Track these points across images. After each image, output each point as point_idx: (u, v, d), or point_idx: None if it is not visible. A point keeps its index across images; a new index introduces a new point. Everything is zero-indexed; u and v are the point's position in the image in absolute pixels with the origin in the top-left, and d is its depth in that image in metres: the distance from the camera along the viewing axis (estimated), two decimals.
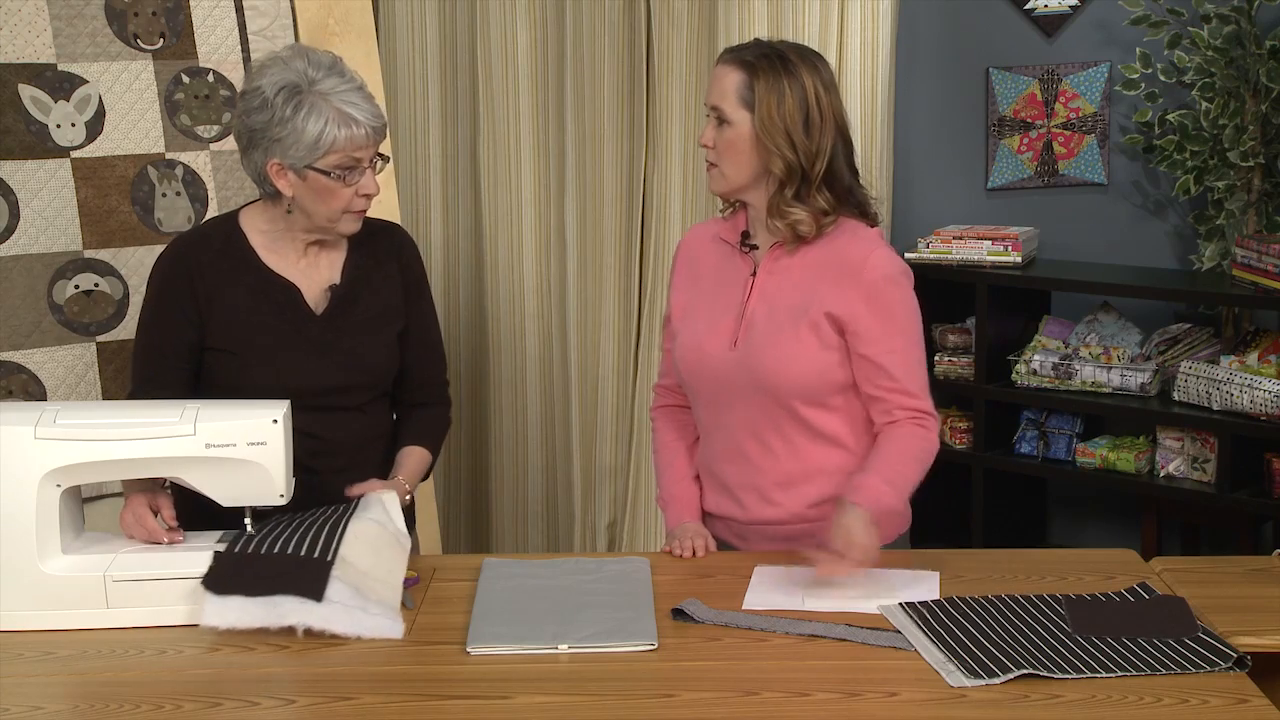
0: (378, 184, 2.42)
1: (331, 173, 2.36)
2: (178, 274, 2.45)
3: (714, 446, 2.54)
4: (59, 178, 3.03)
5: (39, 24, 3.01)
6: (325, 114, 2.33)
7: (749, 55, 2.40)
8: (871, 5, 4.01)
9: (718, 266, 2.53)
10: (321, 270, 2.50)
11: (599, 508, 4.41)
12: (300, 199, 2.40)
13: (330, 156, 2.35)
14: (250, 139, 2.39)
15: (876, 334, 2.38)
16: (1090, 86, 4.14)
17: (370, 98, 2.39)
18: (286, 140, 2.34)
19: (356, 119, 2.34)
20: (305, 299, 2.47)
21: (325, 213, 2.41)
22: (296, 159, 2.35)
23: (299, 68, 2.36)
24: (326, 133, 2.33)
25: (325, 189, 2.38)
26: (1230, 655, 1.98)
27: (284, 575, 2.14)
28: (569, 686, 1.95)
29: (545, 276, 4.37)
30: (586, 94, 4.23)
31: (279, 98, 2.34)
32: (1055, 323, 4.07)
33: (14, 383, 3.00)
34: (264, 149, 2.37)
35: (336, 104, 2.34)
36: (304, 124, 2.33)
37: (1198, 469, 3.75)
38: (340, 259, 2.52)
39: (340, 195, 2.39)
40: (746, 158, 2.40)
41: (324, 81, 2.35)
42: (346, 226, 2.44)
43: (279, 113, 2.34)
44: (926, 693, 1.93)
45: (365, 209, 2.44)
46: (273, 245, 2.48)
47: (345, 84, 2.36)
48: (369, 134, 2.37)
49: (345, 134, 2.34)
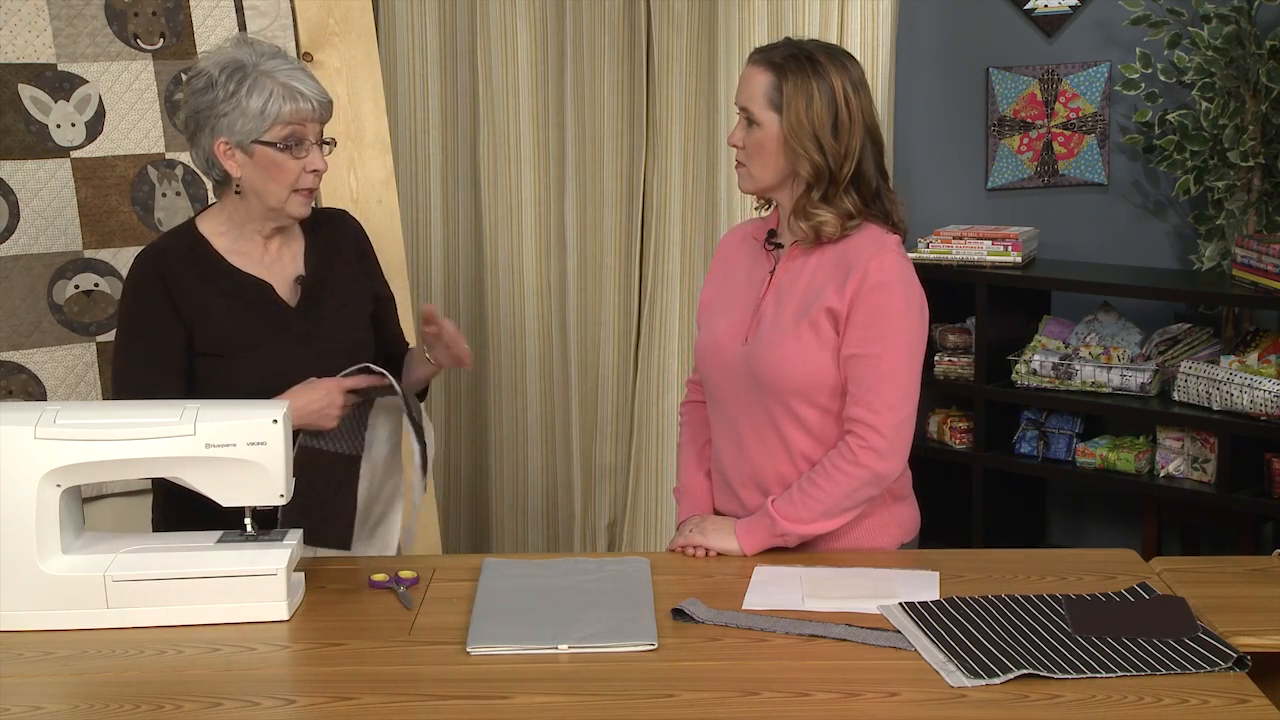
0: (325, 162, 2.46)
1: (278, 143, 2.40)
2: (154, 284, 2.47)
3: (720, 442, 2.55)
4: (59, 178, 3.03)
5: (39, 24, 3.01)
6: (269, 87, 2.39)
7: (777, 56, 2.39)
8: (871, 5, 4.01)
9: (746, 264, 2.55)
10: (286, 264, 2.55)
11: (599, 508, 4.41)
12: (249, 179, 2.44)
13: (276, 128, 2.40)
14: (198, 122, 2.44)
15: (857, 335, 2.36)
16: (1090, 86, 4.14)
17: (314, 79, 2.45)
18: (233, 115, 2.39)
19: (302, 92, 2.40)
20: (278, 294, 2.52)
21: (275, 191, 2.44)
22: (244, 134, 2.40)
23: (244, 52, 2.42)
24: (271, 104, 2.39)
25: (273, 163, 2.42)
26: (1230, 655, 1.98)
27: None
28: (569, 686, 1.95)
29: (545, 276, 4.37)
30: (586, 94, 4.23)
31: (223, 75, 2.40)
32: (1055, 323, 4.07)
33: (14, 383, 3.00)
34: (210, 129, 2.42)
35: (281, 79, 2.40)
36: (248, 98, 2.38)
37: (1198, 469, 3.75)
38: (300, 250, 2.57)
39: (288, 169, 2.42)
40: (774, 159, 2.40)
41: (268, 62, 2.41)
42: (296, 208, 2.47)
43: (224, 90, 2.39)
44: (926, 693, 1.93)
45: (313, 186, 2.48)
46: (235, 246, 2.51)
47: (289, 64, 2.43)
48: (315, 108, 2.42)
49: (290, 107, 2.40)
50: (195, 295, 2.46)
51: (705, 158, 4.14)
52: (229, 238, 2.51)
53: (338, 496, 2.49)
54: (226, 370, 2.46)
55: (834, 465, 2.38)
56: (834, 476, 2.37)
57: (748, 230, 2.61)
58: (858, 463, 2.36)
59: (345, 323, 2.57)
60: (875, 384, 2.36)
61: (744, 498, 2.50)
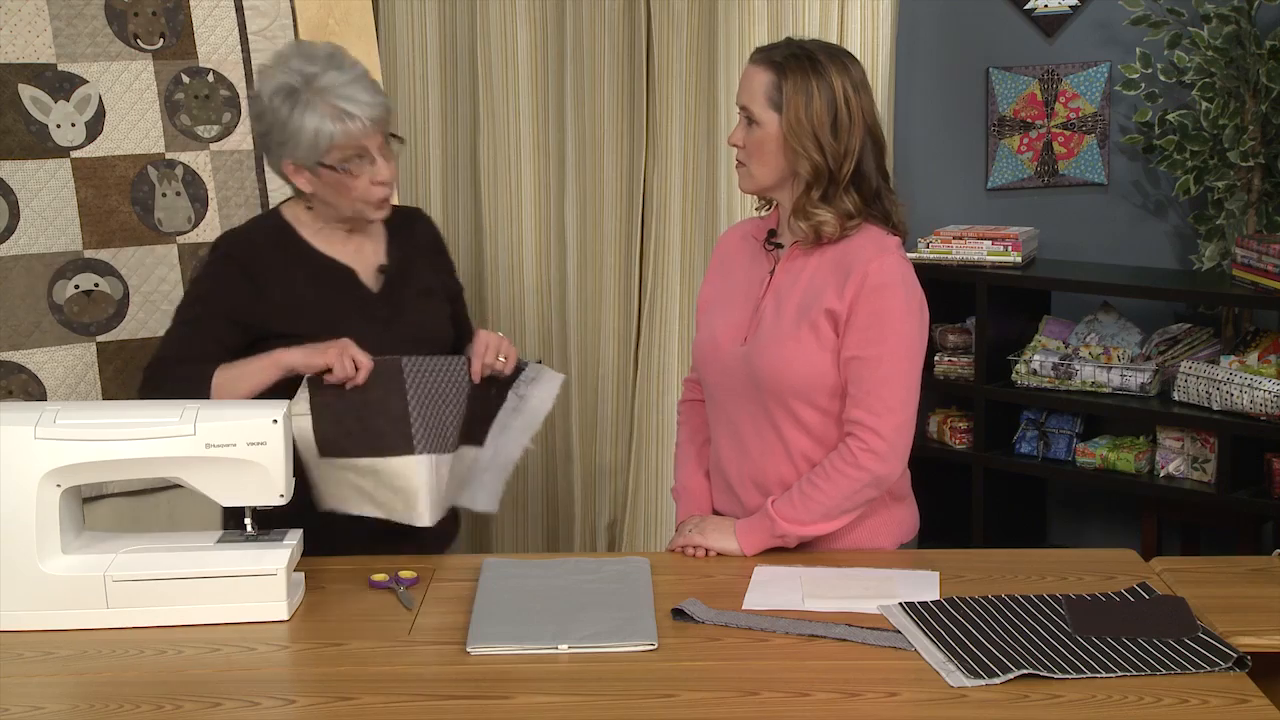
0: (392, 169, 2.47)
1: (339, 167, 2.41)
2: (228, 273, 2.49)
3: (719, 441, 2.55)
4: (59, 178, 3.03)
5: (39, 24, 3.01)
6: (319, 111, 2.38)
7: (778, 55, 2.40)
8: (871, 5, 4.01)
9: (745, 264, 2.55)
10: (368, 254, 2.58)
11: (599, 508, 4.41)
12: (319, 194, 2.47)
13: (333, 152, 2.40)
14: (264, 144, 2.49)
15: (857, 337, 2.36)
16: (1090, 86, 4.14)
17: (371, 86, 2.43)
18: (290, 143, 2.41)
19: (351, 113, 2.39)
20: (361, 279, 2.55)
21: (346, 204, 2.47)
22: (304, 158, 2.41)
23: (295, 66, 2.41)
24: (323, 130, 2.38)
25: (338, 183, 2.44)
26: (1230, 655, 1.98)
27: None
28: (569, 686, 1.95)
29: (545, 276, 4.37)
30: (586, 94, 4.23)
31: (275, 101, 2.40)
32: (1055, 323, 4.07)
33: (14, 383, 3.00)
34: (275, 153, 2.45)
35: (331, 100, 2.38)
36: (300, 124, 2.38)
37: (1198, 469, 3.75)
38: (382, 242, 2.60)
39: (354, 186, 2.44)
40: (774, 158, 2.40)
41: (321, 78, 2.39)
42: (371, 214, 2.50)
43: (277, 116, 2.40)
44: (926, 693, 1.93)
45: (385, 196, 2.49)
46: (320, 232, 2.54)
47: (343, 76, 2.40)
48: (365, 125, 2.40)
49: (340, 129, 2.39)
50: (278, 278, 2.49)
51: (705, 158, 4.14)
52: (313, 225, 2.54)
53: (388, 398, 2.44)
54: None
55: (834, 467, 2.38)
56: (834, 478, 2.37)
57: (747, 230, 2.61)
58: (858, 465, 2.36)
59: (427, 312, 2.60)
60: (875, 386, 2.35)
61: (743, 498, 2.50)
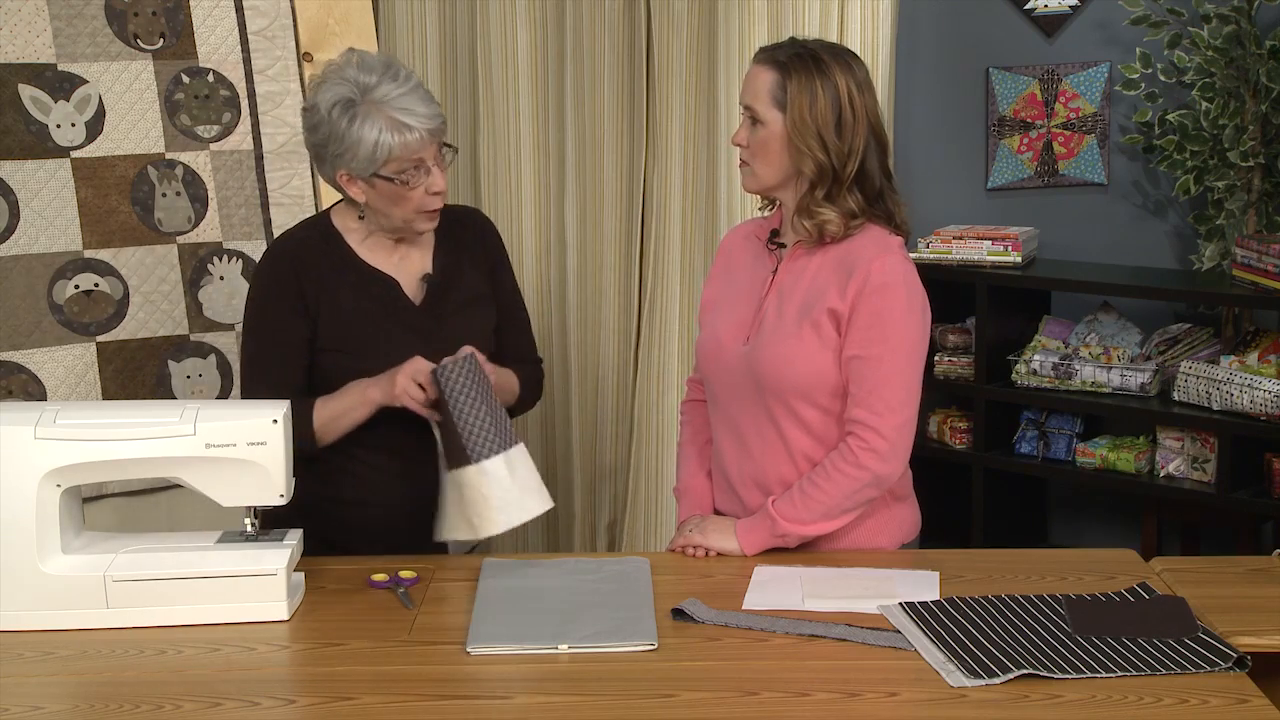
0: (445, 179, 2.48)
1: (395, 179, 2.42)
2: (284, 276, 2.51)
3: (721, 441, 2.55)
4: (59, 178, 3.03)
5: (39, 24, 3.01)
6: (378, 123, 2.38)
7: (782, 55, 2.40)
8: (871, 5, 4.01)
9: (748, 264, 2.55)
10: (414, 262, 2.58)
11: (599, 508, 4.41)
12: (373, 204, 2.48)
13: (390, 164, 2.41)
14: (317, 154, 2.49)
15: (859, 337, 2.36)
16: (1090, 86, 4.14)
17: (426, 96, 2.44)
18: (346, 154, 2.41)
19: (409, 125, 2.39)
20: (404, 291, 2.55)
21: (400, 214, 2.48)
22: (360, 169, 2.42)
23: (351, 76, 2.41)
24: (382, 142, 2.39)
25: (393, 194, 2.44)
26: (1230, 655, 1.98)
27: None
28: (569, 686, 1.95)
29: (545, 276, 4.37)
30: (586, 94, 4.23)
31: (333, 112, 2.41)
32: (1055, 323, 4.07)
33: (14, 383, 3.00)
34: (330, 163, 2.45)
35: (389, 112, 2.39)
36: (359, 136, 2.39)
37: (1198, 469, 3.75)
38: (430, 249, 2.60)
39: (410, 198, 2.45)
40: (778, 157, 2.40)
41: (378, 89, 2.40)
42: (422, 225, 2.51)
43: (335, 127, 2.40)
44: (926, 693, 1.93)
45: (438, 207, 2.50)
46: (365, 241, 2.55)
47: (399, 88, 2.41)
48: (423, 137, 2.41)
49: (399, 140, 2.39)
50: (324, 287, 2.50)
51: (705, 158, 4.14)
52: (360, 233, 2.55)
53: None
54: (349, 366, 2.49)
55: (835, 467, 2.38)
56: (835, 478, 2.37)
57: (750, 229, 2.61)
58: (859, 464, 2.36)
59: (468, 324, 2.58)
60: (877, 386, 2.36)
61: (745, 497, 2.50)
